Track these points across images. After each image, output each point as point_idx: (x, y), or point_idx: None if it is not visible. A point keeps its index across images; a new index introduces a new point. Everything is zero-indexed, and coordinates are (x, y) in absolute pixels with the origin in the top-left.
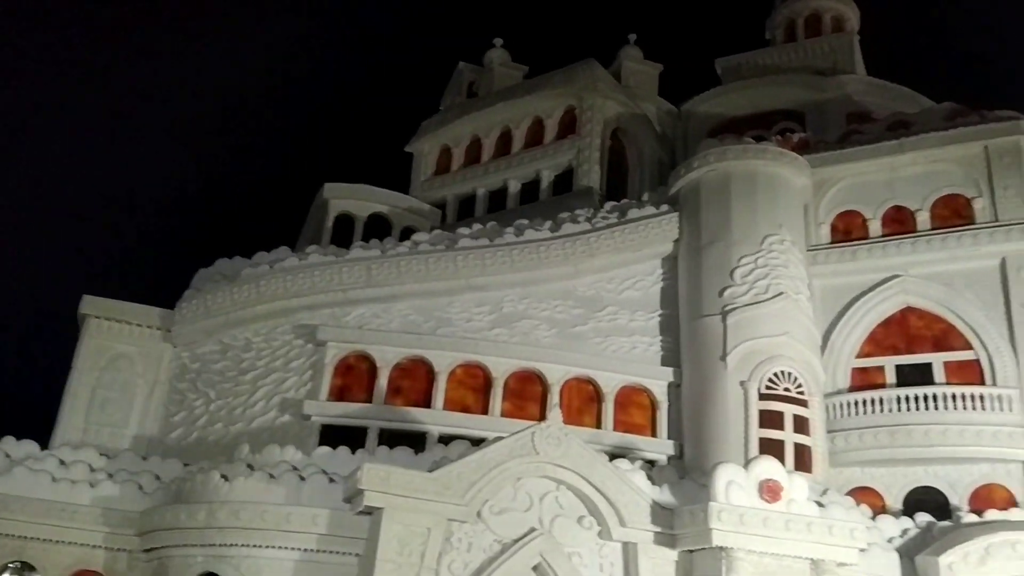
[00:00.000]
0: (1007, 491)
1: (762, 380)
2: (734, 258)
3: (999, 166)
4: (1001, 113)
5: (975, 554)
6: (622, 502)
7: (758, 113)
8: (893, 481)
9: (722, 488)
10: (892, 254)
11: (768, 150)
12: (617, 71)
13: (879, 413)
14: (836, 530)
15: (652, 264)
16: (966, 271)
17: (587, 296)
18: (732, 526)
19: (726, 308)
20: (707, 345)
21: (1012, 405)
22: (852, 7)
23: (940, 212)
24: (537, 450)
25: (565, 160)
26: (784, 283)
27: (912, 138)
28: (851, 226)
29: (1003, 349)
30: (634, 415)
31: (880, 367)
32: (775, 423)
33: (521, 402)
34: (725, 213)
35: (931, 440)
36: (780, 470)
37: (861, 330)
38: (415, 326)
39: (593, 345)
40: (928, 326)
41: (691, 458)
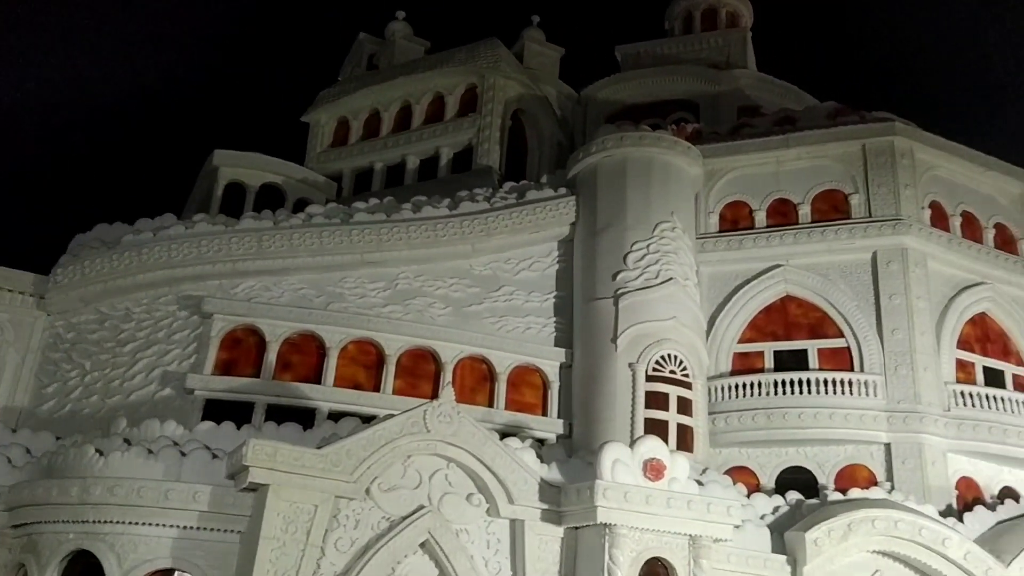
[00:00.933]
0: (869, 471)
1: (650, 362)
2: (627, 243)
3: (875, 165)
4: (878, 115)
5: (838, 530)
6: (511, 480)
7: (655, 102)
8: (768, 461)
9: (608, 466)
10: (775, 244)
11: (663, 139)
12: (519, 52)
13: (757, 396)
14: (714, 507)
15: (549, 246)
16: (841, 263)
17: (483, 275)
18: (616, 503)
19: (618, 292)
20: (599, 327)
21: (877, 390)
22: (747, 4)
23: (820, 206)
24: (429, 428)
25: (465, 138)
26: (674, 269)
27: (797, 134)
28: (738, 216)
29: (871, 338)
30: (526, 394)
31: (760, 352)
32: (660, 404)
33: (414, 380)
34: (620, 198)
35: (803, 422)
36: (664, 450)
37: (744, 316)
38: (307, 300)
39: (488, 324)
40: (805, 314)
41: (580, 437)
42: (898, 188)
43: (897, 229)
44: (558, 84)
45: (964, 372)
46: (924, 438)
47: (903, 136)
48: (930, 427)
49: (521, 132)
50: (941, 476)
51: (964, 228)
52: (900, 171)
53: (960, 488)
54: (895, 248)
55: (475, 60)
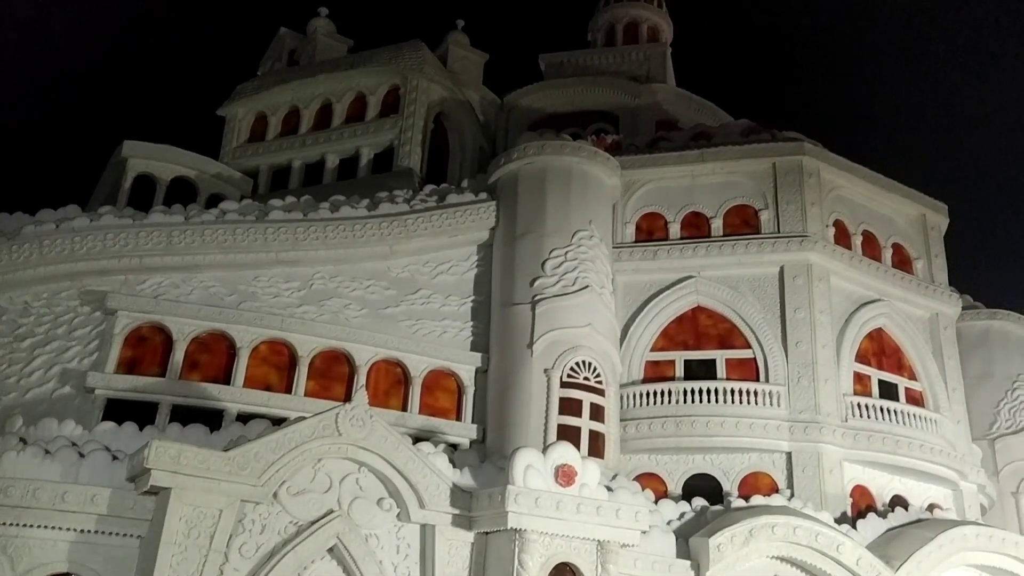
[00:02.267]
0: (771, 478)
1: (564, 369)
2: (546, 250)
3: (784, 183)
4: (788, 134)
5: (740, 536)
6: (423, 484)
7: (576, 111)
8: (675, 468)
9: (520, 472)
10: (688, 256)
11: (583, 148)
12: (443, 56)
13: (667, 404)
14: (622, 513)
15: (468, 250)
16: (750, 276)
17: (401, 278)
18: (527, 509)
19: (536, 298)
20: (515, 333)
21: (780, 401)
22: (667, 20)
23: (732, 220)
24: (340, 431)
25: (386, 139)
26: (591, 277)
27: (712, 150)
28: (654, 227)
29: (776, 350)
30: (440, 399)
31: (671, 361)
32: (574, 410)
33: (327, 382)
34: (540, 206)
35: (710, 431)
36: (575, 456)
37: (656, 325)
38: (217, 298)
39: (404, 327)
40: (715, 325)
41: (493, 442)
42: (805, 206)
43: (803, 245)
44: (481, 89)
45: (861, 384)
46: (823, 447)
47: (811, 156)
48: (828, 437)
49: (443, 135)
50: (837, 484)
51: (865, 247)
52: (807, 190)
53: (855, 496)
54: (801, 263)
55: (399, 61)
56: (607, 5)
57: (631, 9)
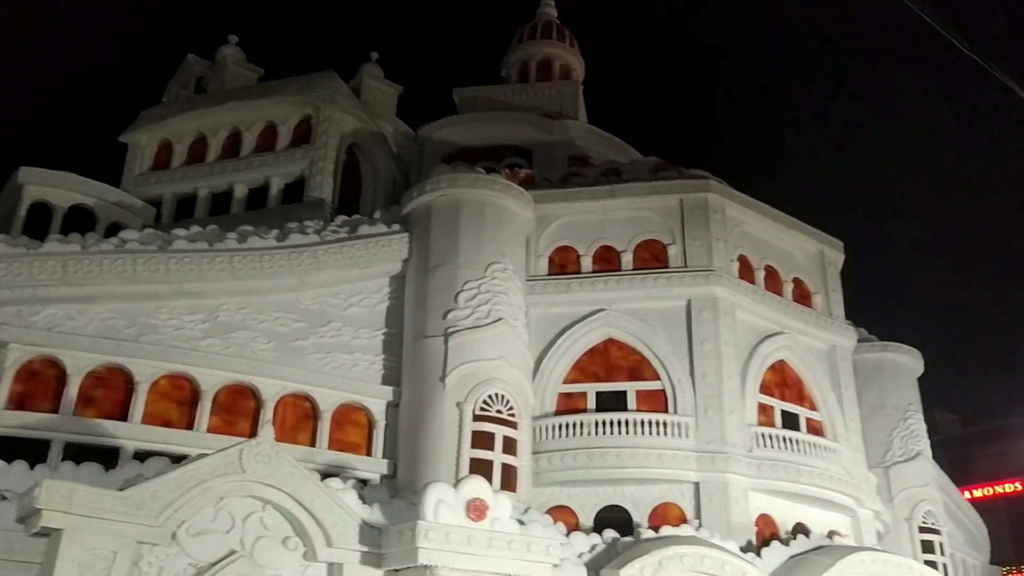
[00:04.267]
0: (680, 509)
1: (477, 402)
2: (459, 282)
3: (691, 218)
4: (695, 172)
5: (650, 567)
6: (330, 522)
7: (490, 146)
8: (587, 500)
9: (431, 507)
10: (600, 289)
11: (497, 182)
12: (357, 87)
13: (579, 436)
14: (534, 547)
15: (380, 282)
16: (659, 309)
17: (311, 310)
18: (438, 544)
19: (448, 330)
20: (428, 366)
21: (688, 432)
22: (579, 59)
23: (641, 255)
24: (244, 468)
25: (297, 169)
26: (504, 309)
27: (622, 185)
28: (566, 261)
29: (684, 381)
30: (350, 433)
31: (583, 393)
32: (486, 443)
33: (231, 417)
34: (453, 238)
35: (621, 462)
36: (487, 490)
37: (569, 358)
38: (116, 331)
39: (313, 361)
40: (625, 357)
41: (404, 477)
42: (711, 241)
43: (709, 279)
44: (395, 121)
45: (765, 415)
46: (729, 477)
47: (716, 193)
48: (734, 467)
49: (356, 167)
50: (743, 513)
51: (767, 281)
52: (713, 226)
53: (759, 524)
54: (707, 297)
55: (311, 91)
56: (521, 43)
57: (544, 47)
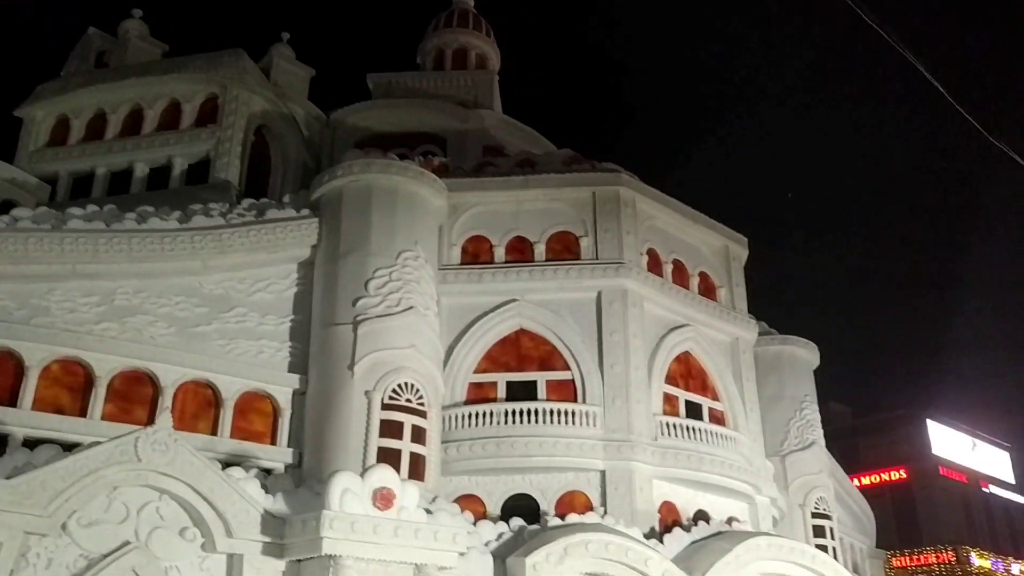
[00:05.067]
0: (586, 497)
1: (386, 391)
2: (370, 269)
3: (602, 211)
4: (607, 165)
5: (556, 554)
6: (231, 512)
7: (404, 133)
8: (495, 489)
9: (337, 496)
10: (512, 280)
11: (410, 168)
12: (267, 68)
13: (489, 425)
14: (440, 535)
15: (287, 268)
16: (570, 300)
17: (214, 295)
18: (343, 534)
19: (358, 318)
20: (336, 354)
21: (596, 421)
22: (494, 49)
23: (554, 246)
24: (140, 457)
25: (202, 150)
26: (415, 298)
27: (536, 176)
28: (479, 250)
29: (593, 372)
30: (254, 422)
31: (494, 383)
32: (395, 433)
33: (128, 405)
34: (365, 224)
35: (530, 451)
36: (395, 478)
37: (480, 348)
38: (5, 313)
39: (216, 347)
40: (536, 347)
41: (310, 467)
42: (621, 234)
43: (619, 272)
44: (307, 105)
45: (670, 405)
46: (634, 465)
47: (627, 187)
48: (640, 455)
49: (264, 149)
50: (647, 501)
51: (675, 275)
52: (624, 219)
53: (663, 512)
54: (617, 289)
55: (218, 69)
56: (437, 30)
57: (460, 36)
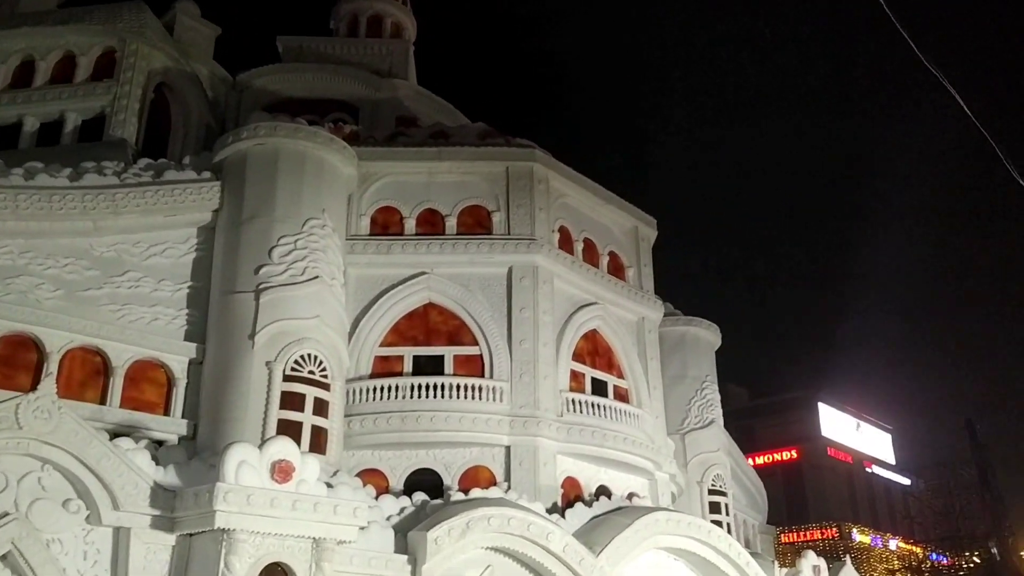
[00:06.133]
0: (490, 472)
1: (288, 362)
2: (274, 237)
3: (516, 187)
4: (521, 141)
5: (458, 528)
6: (118, 484)
7: (314, 99)
8: (399, 463)
9: (232, 469)
10: (422, 252)
11: (320, 134)
12: (170, 24)
13: (394, 399)
14: (340, 510)
15: (186, 232)
16: (481, 275)
17: (106, 257)
18: (238, 507)
19: (260, 286)
20: (236, 322)
21: (503, 396)
22: (411, 18)
23: (465, 220)
24: (21, 424)
25: (97, 105)
26: (321, 267)
27: (449, 149)
28: (389, 221)
29: (502, 347)
30: (147, 392)
31: (400, 356)
32: (296, 405)
33: (9, 371)
34: (270, 190)
35: (436, 425)
36: (294, 451)
37: (387, 320)
38: None
39: (107, 312)
40: (445, 321)
41: (206, 438)
42: (534, 211)
43: (531, 248)
44: (212, 64)
45: (576, 382)
46: (539, 441)
47: (541, 164)
48: (545, 431)
49: (165, 108)
50: (551, 476)
51: (585, 253)
52: (536, 195)
53: (565, 487)
54: (528, 265)
55: (116, 21)
56: None
57: (376, 3)
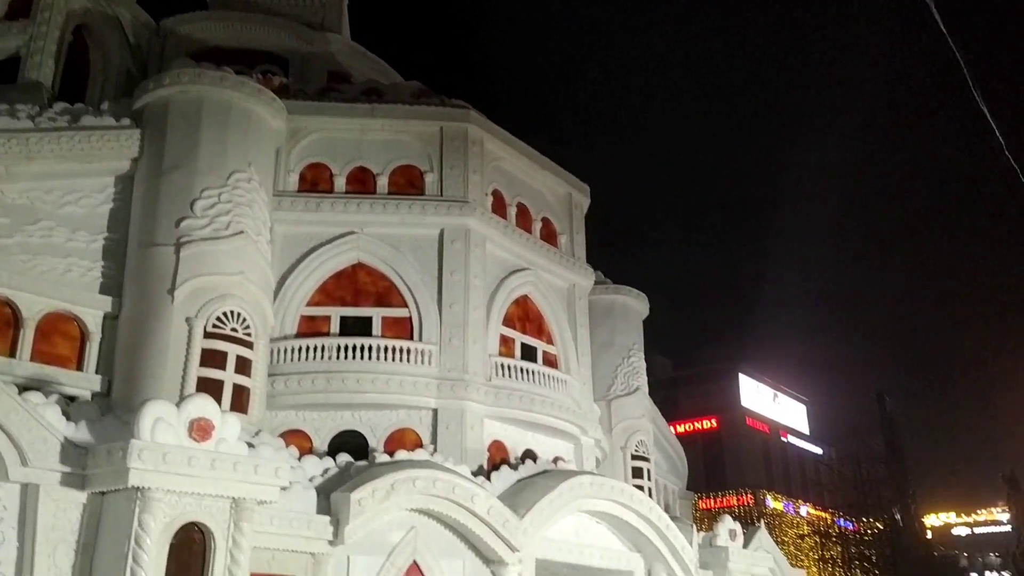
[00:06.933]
0: (417, 435)
1: (210, 318)
2: (196, 189)
3: (449, 148)
4: (456, 102)
5: (382, 490)
6: (27, 439)
7: (243, 49)
8: (323, 424)
9: (148, 426)
10: (352, 211)
11: (247, 84)
12: None
13: (320, 360)
14: (261, 469)
15: (103, 181)
16: (412, 236)
17: (17, 205)
18: (153, 465)
19: (181, 240)
20: (155, 276)
21: (431, 359)
22: None
23: (397, 180)
24: None
25: (11, 46)
26: (246, 222)
27: (383, 106)
28: (318, 179)
29: (431, 310)
30: (59, 345)
31: (327, 316)
32: (217, 363)
33: None
34: (193, 140)
35: (362, 387)
36: (214, 409)
37: (314, 280)
38: None
39: (17, 262)
40: (374, 283)
41: (121, 395)
42: (467, 173)
43: (463, 211)
44: (134, 8)
45: (506, 346)
46: (467, 404)
47: (476, 125)
48: (473, 394)
49: (84, 52)
50: (477, 439)
51: (518, 218)
52: (470, 157)
53: (492, 450)
54: (460, 228)
55: None
56: None
57: None
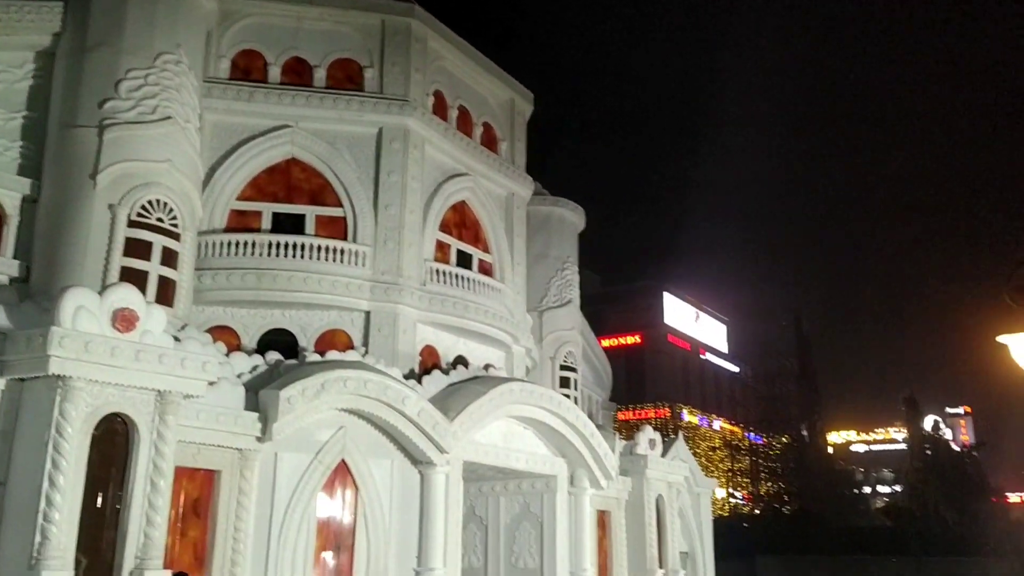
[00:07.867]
0: (348, 336)
1: (134, 206)
2: (122, 69)
3: (392, 43)
4: None
5: (312, 389)
6: None
7: None
8: (252, 322)
9: (69, 313)
10: (287, 104)
11: None
12: None
13: (250, 256)
14: (188, 363)
15: (22, 56)
16: (349, 134)
17: None
18: (75, 354)
19: (105, 122)
20: (77, 159)
21: (365, 261)
22: None
23: (335, 73)
24: None
25: None
26: (174, 108)
27: None
28: (252, 67)
29: (367, 211)
30: None
31: (258, 212)
32: (142, 253)
33: None
34: (118, 17)
35: (293, 286)
36: (139, 299)
37: (245, 173)
38: None
39: None
40: (308, 180)
41: (40, 281)
42: (409, 71)
43: (403, 110)
44: None
45: (441, 252)
46: (400, 308)
47: (420, 21)
48: (407, 299)
49: None
50: (410, 344)
51: (459, 121)
52: (413, 55)
53: (424, 355)
54: (399, 128)
55: None
56: None
57: None
